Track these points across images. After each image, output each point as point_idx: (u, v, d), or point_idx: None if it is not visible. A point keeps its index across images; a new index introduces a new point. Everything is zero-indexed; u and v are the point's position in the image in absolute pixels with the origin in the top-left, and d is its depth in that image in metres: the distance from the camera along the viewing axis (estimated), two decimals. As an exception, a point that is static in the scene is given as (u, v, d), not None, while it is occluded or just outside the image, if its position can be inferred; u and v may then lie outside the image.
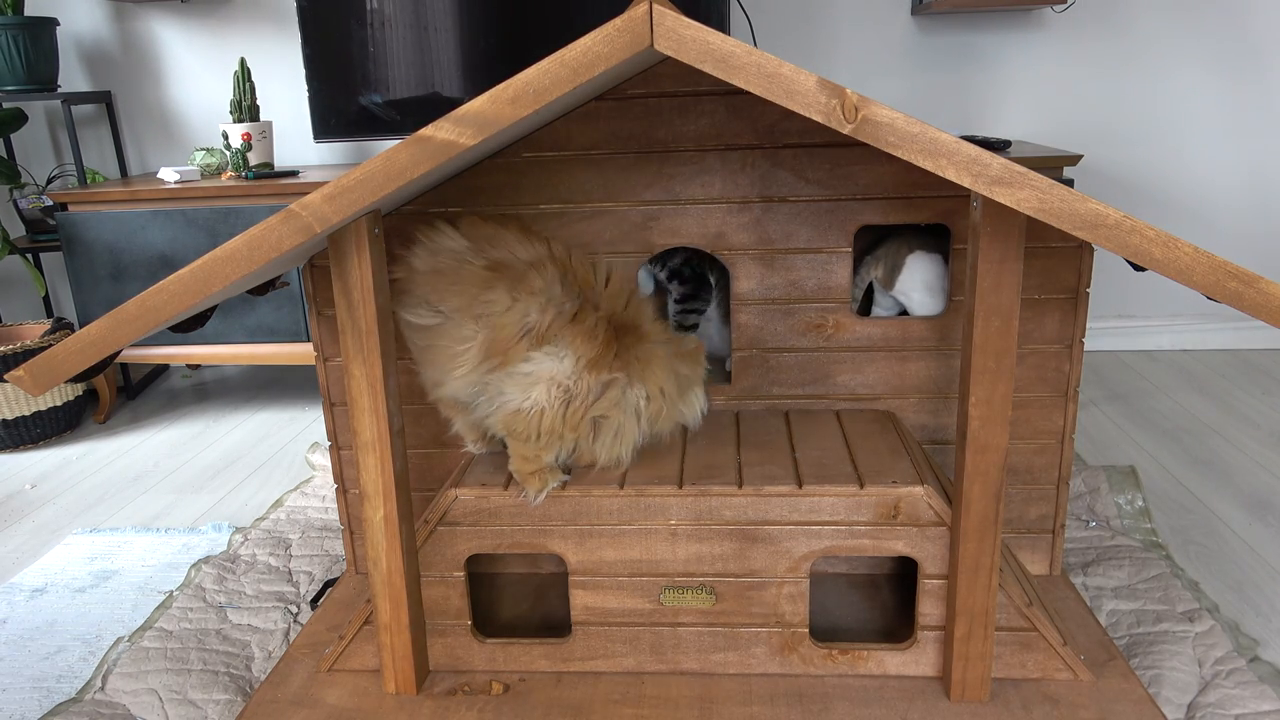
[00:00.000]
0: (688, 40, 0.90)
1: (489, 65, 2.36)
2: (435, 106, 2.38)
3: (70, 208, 2.32)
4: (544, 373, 1.16)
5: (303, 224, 0.98)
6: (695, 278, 1.54)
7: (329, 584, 1.55)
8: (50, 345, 2.10)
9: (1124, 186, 2.64)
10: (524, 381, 1.16)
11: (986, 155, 0.88)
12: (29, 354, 2.26)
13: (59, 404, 2.37)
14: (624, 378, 1.21)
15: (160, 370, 2.92)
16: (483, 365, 1.18)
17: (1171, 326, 2.72)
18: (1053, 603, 1.37)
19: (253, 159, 2.49)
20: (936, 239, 1.41)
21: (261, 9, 2.65)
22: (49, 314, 2.85)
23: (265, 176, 2.38)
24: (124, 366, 2.69)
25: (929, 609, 1.19)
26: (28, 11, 2.60)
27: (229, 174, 2.43)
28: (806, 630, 1.22)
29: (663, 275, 1.55)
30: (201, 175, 2.50)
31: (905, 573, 1.42)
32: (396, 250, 1.23)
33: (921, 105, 2.60)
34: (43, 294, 2.77)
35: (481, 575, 1.48)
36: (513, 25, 2.33)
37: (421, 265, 1.19)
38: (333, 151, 2.76)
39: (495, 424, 1.21)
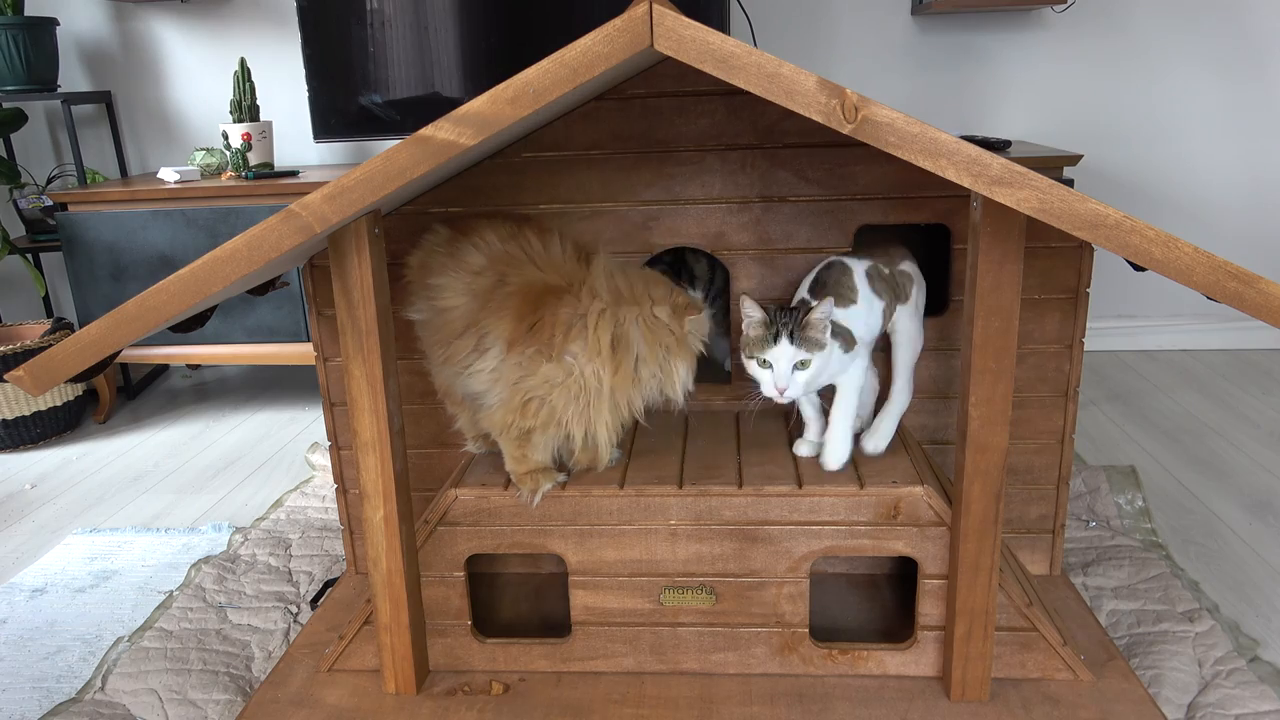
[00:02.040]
0: (688, 40, 0.90)
1: (489, 65, 2.36)
2: (435, 106, 2.38)
3: (70, 208, 2.32)
4: (501, 368, 1.14)
5: (303, 224, 0.98)
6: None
7: (329, 584, 1.55)
8: (50, 345, 2.10)
9: (1124, 186, 2.63)
10: (490, 379, 1.16)
11: (986, 155, 0.88)
12: (29, 354, 2.26)
13: (59, 404, 2.37)
14: (558, 349, 1.10)
15: (160, 370, 2.92)
16: (442, 351, 1.19)
17: (1171, 326, 2.72)
18: (1053, 603, 1.37)
19: (253, 159, 2.49)
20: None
21: (261, 9, 2.65)
22: (49, 314, 2.85)
23: (265, 176, 2.38)
24: (124, 366, 2.69)
25: (929, 609, 1.19)
26: (28, 11, 2.60)
27: (229, 174, 2.43)
28: (806, 630, 1.22)
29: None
30: (201, 175, 2.50)
31: (905, 573, 1.42)
32: (404, 255, 1.26)
33: (921, 105, 2.60)
34: (43, 294, 2.77)
35: (481, 575, 1.48)
36: (513, 25, 2.33)
37: (415, 262, 1.24)
38: (333, 151, 2.76)
39: (492, 429, 1.21)
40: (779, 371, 1.13)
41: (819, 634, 1.27)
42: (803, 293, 1.21)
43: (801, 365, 1.13)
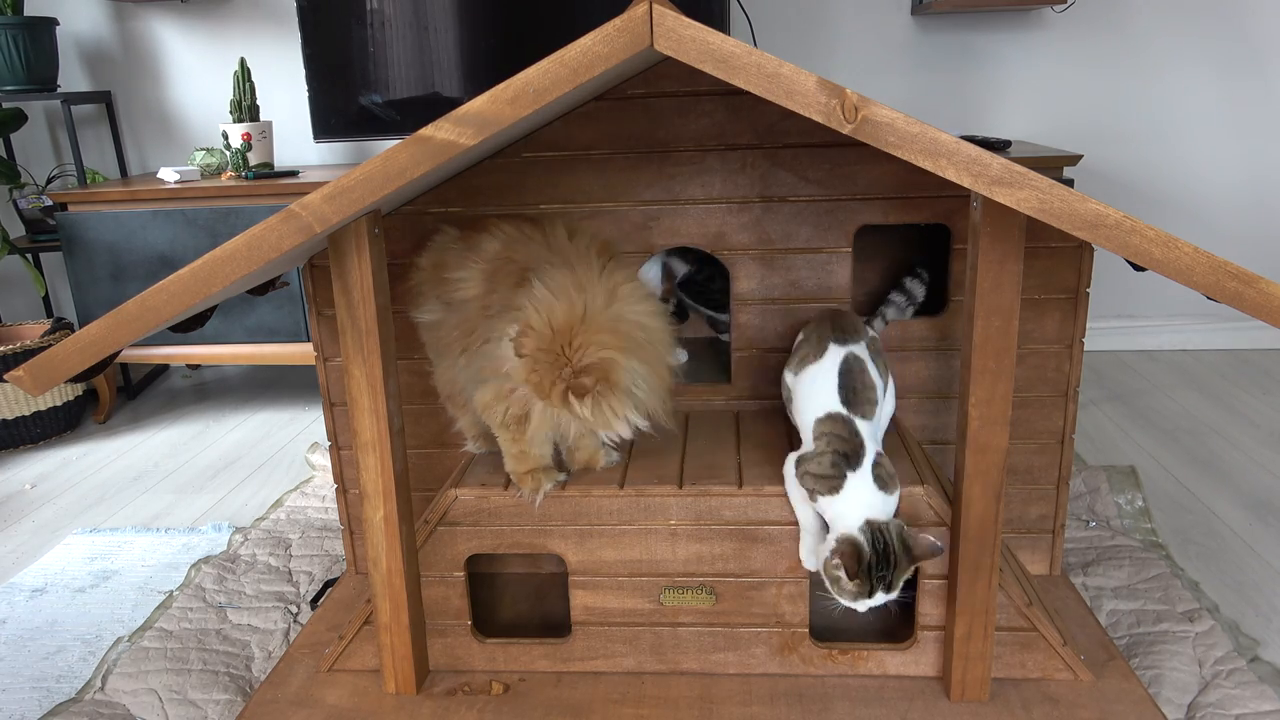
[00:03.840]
0: (688, 40, 0.90)
1: (489, 65, 2.36)
2: (435, 106, 2.38)
3: (70, 208, 2.32)
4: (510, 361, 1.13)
5: (303, 224, 0.98)
6: (679, 310, 1.56)
7: (329, 584, 1.55)
8: (50, 345, 2.10)
9: (1124, 186, 2.63)
10: (495, 363, 1.15)
11: (986, 155, 0.88)
12: (29, 354, 2.26)
13: (59, 404, 2.37)
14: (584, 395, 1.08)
15: (160, 370, 2.92)
16: (462, 343, 1.19)
17: (1171, 326, 2.72)
18: (1053, 603, 1.37)
19: (253, 159, 2.49)
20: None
21: (261, 9, 2.65)
22: (49, 314, 2.85)
23: (265, 176, 2.38)
24: (124, 366, 2.69)
25: (929, 609, 1.19)
26: (28, 11, 2.60)
27: (229, 174, 2.43)
28: (806, 630, 1.22)
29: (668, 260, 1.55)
30: (201, 175, 2.50)
31: (905, 573, 1.42)
32: (406, 256, 1.28)
33: (921, 105, 2.60)
34: (43, 294, 2.77)
35: (481, 575, 1.48)
36: (513, 25, 2.33)
37: (426, 263, 1.26)
38: (333, 151, 2.76)
39: (477, 408, 1.20)
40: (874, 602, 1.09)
41: (819, 634, 1.27)
42: (810, 375, 1.17)
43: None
